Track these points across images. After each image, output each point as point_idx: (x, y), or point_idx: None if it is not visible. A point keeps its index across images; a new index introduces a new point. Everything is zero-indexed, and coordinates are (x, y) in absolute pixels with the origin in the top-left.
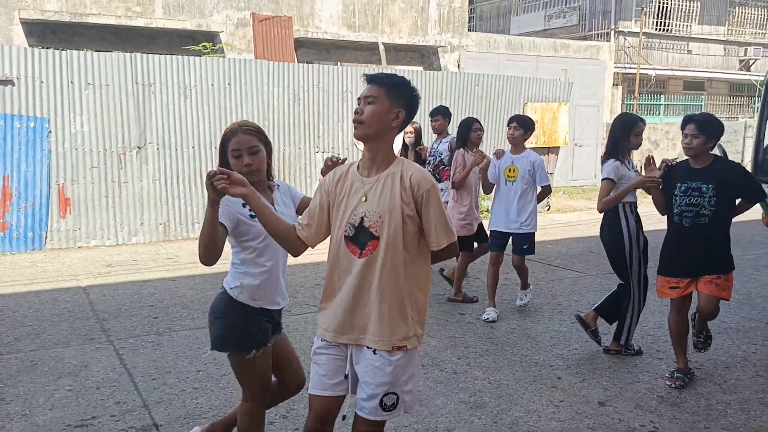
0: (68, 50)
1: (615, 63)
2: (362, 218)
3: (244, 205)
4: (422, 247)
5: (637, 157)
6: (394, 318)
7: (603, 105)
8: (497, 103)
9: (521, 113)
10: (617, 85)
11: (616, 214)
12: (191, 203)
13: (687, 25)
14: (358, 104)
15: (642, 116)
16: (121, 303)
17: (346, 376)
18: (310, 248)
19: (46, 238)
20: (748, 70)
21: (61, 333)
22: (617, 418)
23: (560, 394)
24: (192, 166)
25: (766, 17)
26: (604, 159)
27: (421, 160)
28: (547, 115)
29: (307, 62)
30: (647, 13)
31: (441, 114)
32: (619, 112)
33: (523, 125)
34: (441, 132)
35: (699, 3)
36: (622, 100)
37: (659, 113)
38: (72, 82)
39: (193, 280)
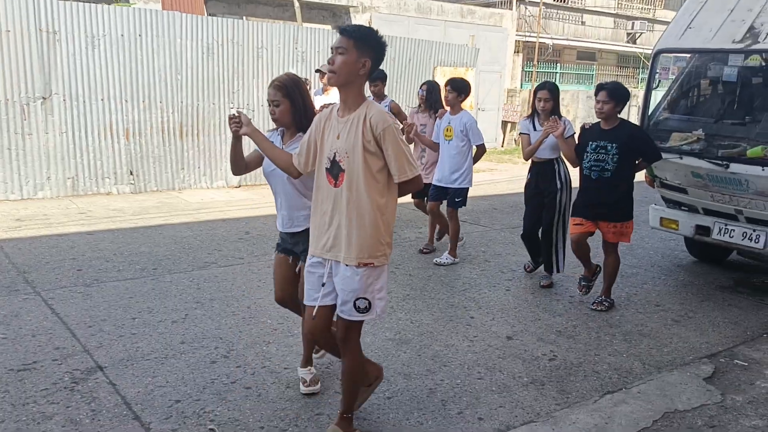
0: None
1: (516, 31)
2: (335, 153)
3: None
4: (385, 177)
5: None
6: (361, 239)
7: (505, 71)
8: (409, 66)
9: (431, 77)
10: (518, 52)
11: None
12: (101, 157)
13: None
14: (331, 54)
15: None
16: (40, 256)
17: (323, 284)
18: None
19: None
20: (635, 42)
21: None
22: (523, 349)
23: (474, 331)
24: (101, 118)
25: None
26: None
27: None
28: None
29: (216, 16)
30: None
31: (380, 79)
32: (519, 78)
33: (456, 88)
34: (380, 96)
35: None
36: (522, 68)
37: (555, 80)
38: None
39: (112, 234)
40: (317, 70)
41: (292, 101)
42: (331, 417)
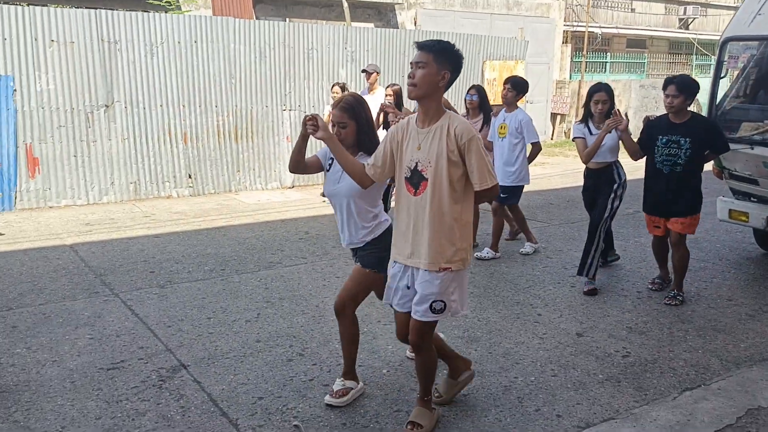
0: (31, 6)
1: (564, 21)
2: (416, 163)
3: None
4: (467, 188)
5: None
6: (440, 245)
7: (553, 62)
8: None
9: (480, 72)
10: (566, 42)
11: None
12: (161, 161)
13: None
14: (411, 69)
15: (589, 74)
16: (113, 259)
17: (408, 287)
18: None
19: (15, 198)
20: (687, 28)
21: (63, 288)
22: (595, 346)
23: (542, 328)
24: (161, 124)
25: None
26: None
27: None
28: (505, 73)
29: (264, 19)
30: None
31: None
32: (568, 69)
33: (515, 87)
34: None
35: None
36: (571, 58)
37: (605, 70)
38: (36, 39)
39: (177, 237)
40: (363, 70)
41: (357, 122)
42: (409, 413)
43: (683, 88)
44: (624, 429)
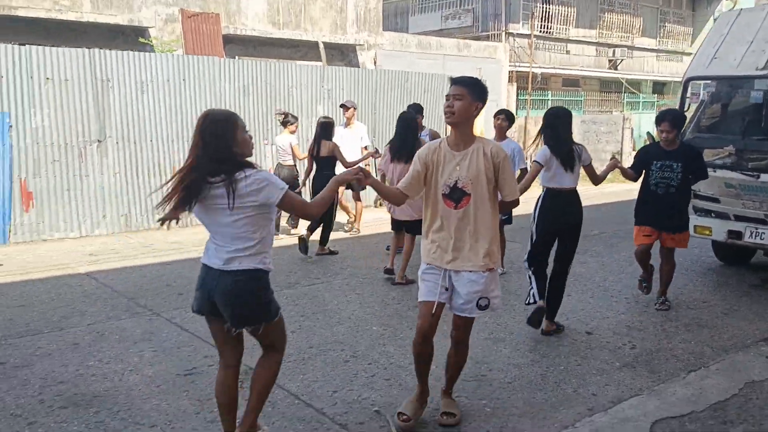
0: (27, 45)
1: (508, 62)
2: (456, 181)
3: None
4: (495, 199)
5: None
6: (484, 248)
7: (501, 100)
8: (423, 97)
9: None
10: (511, 82)
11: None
12: (151, 194)
13: (566, 29)
14: (447, 100)
15: (534, 110)
16: (136, 284)
17: (446, 289)
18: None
19: (9, 231)
20: (616, 68)
21: (103, 310)
22: (605, 341)
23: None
24: (152, 158)
25: (629, 22)
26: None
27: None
28: None
29: (235, 58)
30: (531, 17)
31: (420, 113)
32: (514, 106)
33: (509, 118)
34: (419, 126)
35: (575, 9)
36: (517, 96)
37: (546, 107)
38: (31, 77)
39: (184, 263)
40: (341, 105)
41: None
42: (468, 398)
43: (675, 123)
44: (651, 402)
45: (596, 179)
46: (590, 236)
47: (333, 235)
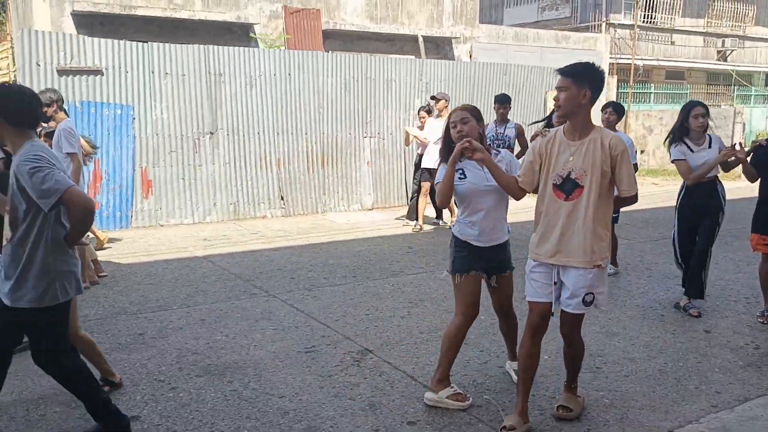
0: (149, 42)
1: (609, 54)
2: (570, 171)
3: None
4: (610, 194)
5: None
6: (593, 244)
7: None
8: (522, 90)
9: (543, 101)
10: (612, 74)
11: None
12: (257, 185)
13: (671, 18)
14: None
15: (636, 104)
16: (250, 268)
17: (555, 283)
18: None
19: (131, 216)
20: (725, 60)
21: (222, 291)
22: (725, 340)
23: (670, 326)
24: (258, 150)
25: (741, 10)
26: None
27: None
28: None
29: (329, 52)
30: (635, 6)
31: (507, 103)
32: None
33: (617, 110)
34: (504, 119)
35: None
36: (618, 89)
37: (649, 101)
38: (153, 72)
39: (293, 250)
40: (432, 97)
41: (478, 121)
42: (584, 388)
43: None
44: None
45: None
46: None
47: (429, 228)
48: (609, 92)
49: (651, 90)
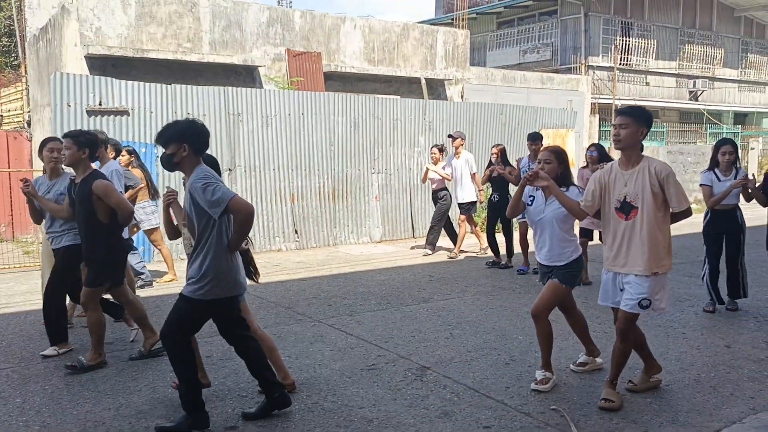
0: (172, 84)
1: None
2: (625, 196)
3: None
4: (666, 210)
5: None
6: (649, 254)
7: (583, 131)
8: (518, 129)
9: None
10: (594, 113)
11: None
12: (273, 219)
13: (645, 60)
14: (614, 129)
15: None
16: (285, 296)
17: (621, 290)
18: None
19: (153, 251)
20: (696, 99)
21: (268, 317)
22: (746, 354)
23: (693, 341)
24: (273, 185)
25: (710, 53)
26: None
27: (499, 177)
28: (557, 140)
29: (342, 93)
30: (612, 50)
31: (541, 139)
32: (595, 140)
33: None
34: (536, 154)
35: (655, 41)
36: (599, 127)
37: None
38: (175, 113)
39: (319, 280)
40: (449, 136)
41: (559, 162)
42: (632, 396)
43: None
44: None
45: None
46: (697, 262)
47: (437, 258)
48: (591, 130)
49: None
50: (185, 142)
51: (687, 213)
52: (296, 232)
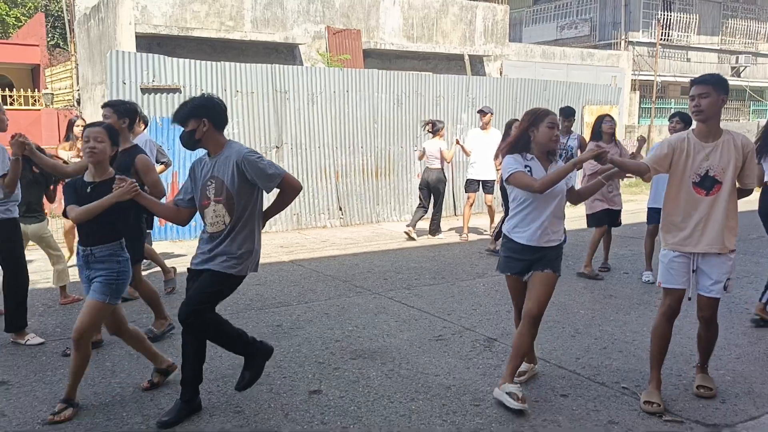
0: (222, 62)
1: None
2: (707, 170)
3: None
4: (735, 187)
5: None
6: (730, 232)
7: (623, 108)
8: (561, 105)
9: (580, 115)
10: (634, 90)
11: None
12: (318, 196)
13: (687, 36)
14: (693, 100)
15: (657, 118)
16: (341, 270)
17: (693, 271)
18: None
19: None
20: (739, 76)
21: (329, 290)
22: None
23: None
24: (319, 163)
25: (754, 28)
26: None
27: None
28: None
29: (385, 71)
30: (654, 25)
31: (573, 115)
32: (636, 115)
33: (684, 120)
34: (568, 130)
35: (697, 15)
36: (639, 104)
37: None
38: (225, 90)
39: (369, 255)
40: (479, 111)
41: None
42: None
43: None
44: None
45: None
46: (749, 240)
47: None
48: (632, 107)
49: (671, 105)
50: (204, 116)
51: (751, 191)
52: (340, 209)
